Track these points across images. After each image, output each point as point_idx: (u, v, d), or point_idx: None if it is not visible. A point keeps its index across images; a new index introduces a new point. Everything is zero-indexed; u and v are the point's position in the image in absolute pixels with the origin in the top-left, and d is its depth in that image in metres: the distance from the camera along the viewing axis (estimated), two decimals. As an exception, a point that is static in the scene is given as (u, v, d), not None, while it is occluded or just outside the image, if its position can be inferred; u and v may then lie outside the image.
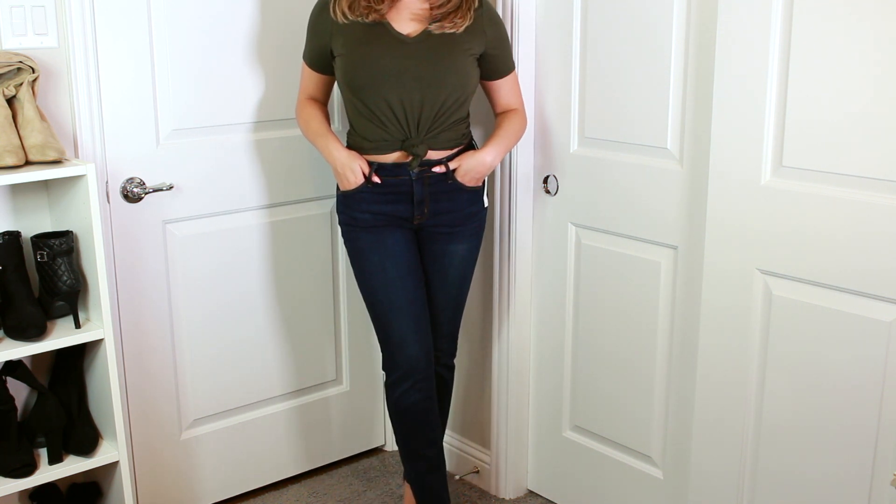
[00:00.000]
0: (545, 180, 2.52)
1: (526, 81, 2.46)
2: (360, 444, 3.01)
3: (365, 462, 2.99)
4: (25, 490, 2.32)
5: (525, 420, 2.73)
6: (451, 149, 2.26)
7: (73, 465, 2.19)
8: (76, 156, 2.26)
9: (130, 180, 2.37)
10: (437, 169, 2.24)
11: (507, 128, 2.31)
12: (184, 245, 2.51)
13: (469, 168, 2.25)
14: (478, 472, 2.84)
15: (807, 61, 1.84)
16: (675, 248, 2.24)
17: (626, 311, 2.38)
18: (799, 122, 1.87)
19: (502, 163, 2.54)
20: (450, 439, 2.91)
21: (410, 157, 2.21)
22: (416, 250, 2.32)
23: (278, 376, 2.78)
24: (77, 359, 2.27)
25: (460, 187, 2.27)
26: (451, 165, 2.25)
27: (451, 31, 2.17)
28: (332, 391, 2.91)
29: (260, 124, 2.59)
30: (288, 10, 2.55)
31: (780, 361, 1.99)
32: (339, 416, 2.93)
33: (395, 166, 2.23)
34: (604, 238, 2.40)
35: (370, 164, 2.24)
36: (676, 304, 2.26)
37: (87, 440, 2.22)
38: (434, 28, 2.17)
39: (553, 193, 2.51)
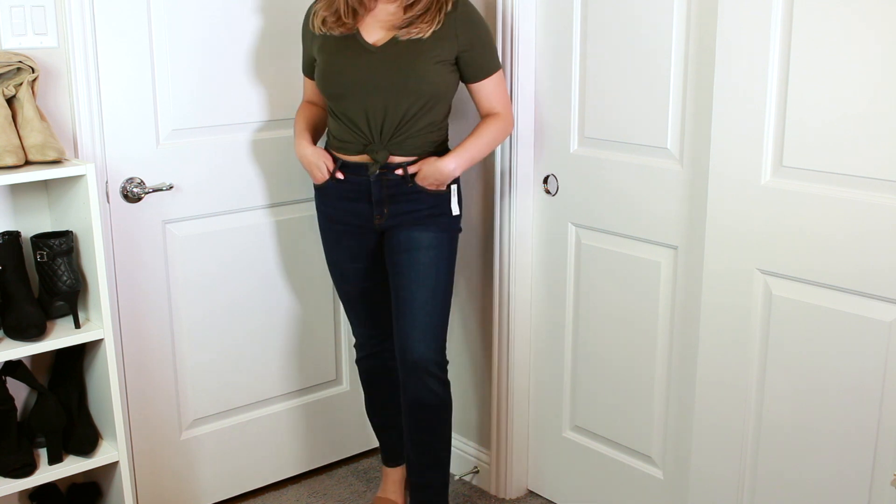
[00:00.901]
0: (545, 180, 2.52)
1: (525, 81, 2.46)
2: (360, 444, 3.01)
3: (365, 462, 2.99)
4: (25, 490, 2.32)
5: (525, 420, 2.73)
6: (418, 155, 2.27)
7: (72, 466, 2.20)
8: (76, 156, 2.26)
9: (130, 180, 2.37)
10: (397, 172, 2.25)
11: (479, 135, 2.28)
12: (184, 245, 2.51)
13: (427, 174, 2.25)
14: (477, 471, 2.85)
15: (807, 60, 1.84)
16: (675, 248, 2.24)
17: (626, 310, 2.38)
18: (799, 122, 1.87)
19: (502, 163, 2.54)
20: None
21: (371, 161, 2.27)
22: (368, 252, 2.38)
23: (278, 376, 2.78)
24: (77, 359, 2.27)
25: (421, 190, 2.27)
26: (411, 170, 2.25)
27: (418, 36, 2.17)
28: (331, 391, 2.91)
29: (260, 124, 2.59)
30: (288, 10, 2.55)
31: (781, 361, 2.00)
32: (338, 416, 2.93)
33: (358, 166, 2.28)
34: (604, 238, 2.40)
35: (336, 160, 2.31)
36: (676, 304, 2.26)
37: (86, 440, 2.23)
38: (401, 34, 2.18)
39: (553, 193, 2.51)
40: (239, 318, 2.66)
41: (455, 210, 2.32)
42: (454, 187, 2.30)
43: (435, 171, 2.24)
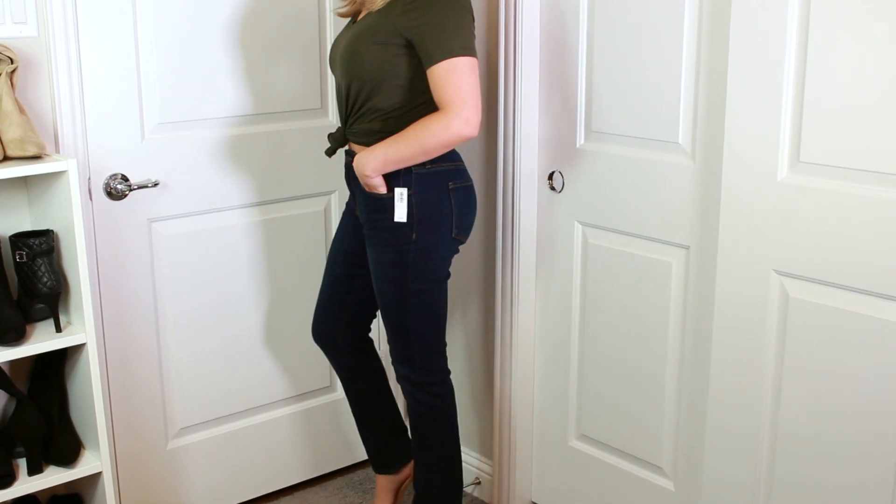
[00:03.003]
0: (550, 176, 2.52)
1: (529, 72, 2.46)
2: (356, 454, 3.01)
3: (361, 473, 2.99)
4: (4, 502, 2.32)
5: (529, 428, 2.73)
6: (368, 145, 2.23)
7: (53, 476, 2.19)
8: (57, 151, 2.26)
9: (114, 176, 2.37)
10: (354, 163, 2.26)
11: (407, 131, 2.13)
12: (170, 244, 2.51)
13: (355, 166, 2.21)
14: (479, 483, 2.85)
15: (826, 51, 1.84)
16: (686, 247, 2.24)
17: (636, 313, 2.38)
18: (817, 115, 1.87)
19: (505, 158, 2.54)
20: (450, 449, 2.91)
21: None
22: (356, 238, 2.40)
23: (269, 383, 2.78)
24: (58, 364, 2.27)
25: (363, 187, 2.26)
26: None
27: (370, 9, 2.17)
28: (326, 398, 2.91)
29: (252, 118, 2.59)
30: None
31: (798, 367, 2.00)
32: (333, 425, 2.93)
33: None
34: (612, 237, 2.40)
35: None
36: (688, 306, 2.26)
37: (68, 450, 2.23)
38: (365, 6, 2.20)
39: (559, 190, 2.51)
40: (228, 322, 2.66)
41: (398, 216, 2.19)
42: (401, 191, 2.18)
43: (357, 163, 2.20)
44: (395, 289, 2.27)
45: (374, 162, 2.15)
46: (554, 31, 2.43)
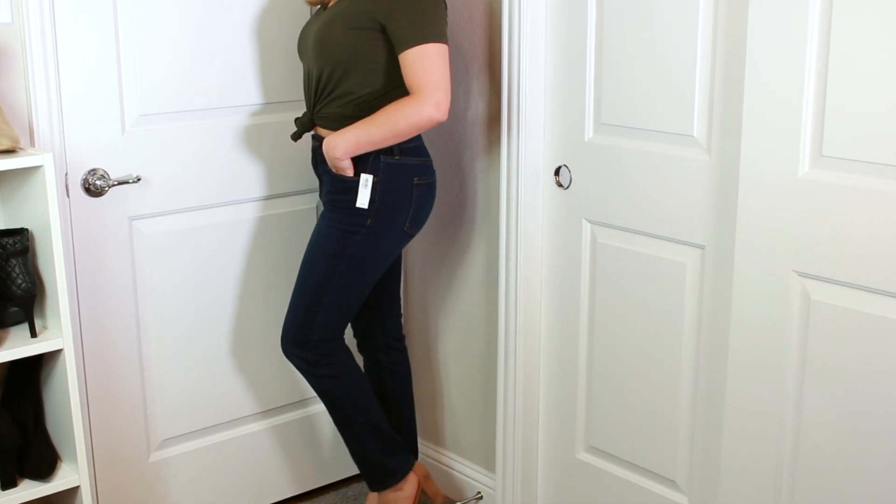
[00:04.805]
0: (557, 172, 2.52)
1: (533, 60, 2.45)
2: (350, 466, 3.00)
3: (355, 487, 2.99)
4: (-25, 518, 2.32)
5: (534, 440, 2.73)
6: (336, 129, 2.35)
7: (28, 491, 2.19)
8: (32, 145, 2.26)
9: (93, 172, 2.37)
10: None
11: (379, 115, 2.28)
12: (152, 244, 2.51)
13: (325, 148, 2.33)
14: (481, 497, 2.84)
15: (850, 36, 1.83)
16: (702, 247, 2.24)
17: (647, 317, 2.37)
18: (841, 107, 1.87)
19: (508, 152, 2.53)
20: (449, 461, 2.91)
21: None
22: None
23: (258, 391, 2.78)
24: (33, 371, 2.27)
25: (329, 170, 2.38)
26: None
27: None
28: (318, 408, 2.90)
29: (238, 109, 2.59)
30: (269, -19, 2.56)
31: (820, 374, 1.99)
32: (326, 436, 2.93)
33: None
34: (622, 236, 2.40)
35: None
36: (704, 309, 2.26)
37: (44, 462, 2.22)
38: None
39: (566, 187, 2.51)
40: (215, 325, 2.66)
41: (360, 202, 2.33)
42: (367, 177, 2.32)
43: (326, 146, 2.32)
44: (326, 263, 2.39)
45: (346, 144, 2.29)
46: (560, 15, 2.43)
